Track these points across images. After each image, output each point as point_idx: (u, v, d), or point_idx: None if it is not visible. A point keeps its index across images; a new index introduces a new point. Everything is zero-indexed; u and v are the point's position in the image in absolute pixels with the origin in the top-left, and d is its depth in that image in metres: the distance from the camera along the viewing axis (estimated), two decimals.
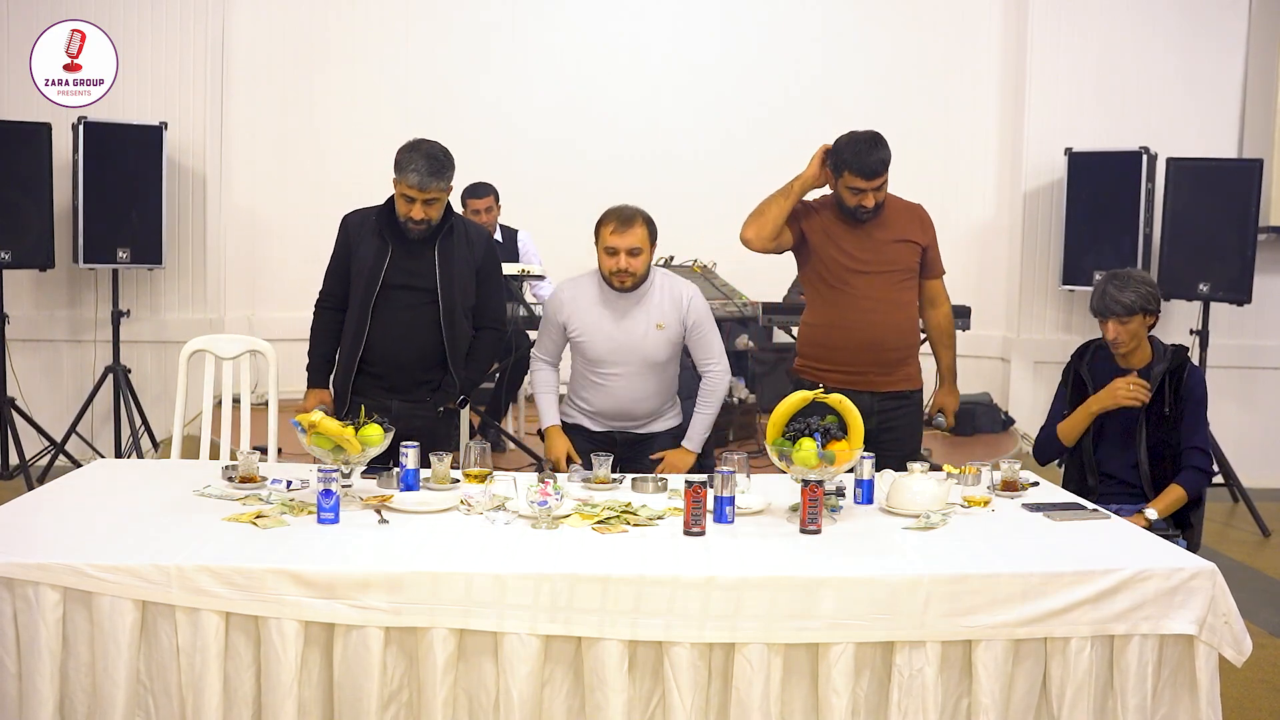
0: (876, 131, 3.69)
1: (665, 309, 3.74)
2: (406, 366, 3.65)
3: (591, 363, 3.77)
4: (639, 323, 3.73)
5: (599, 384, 3.78)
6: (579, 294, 3.78)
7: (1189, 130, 6.68)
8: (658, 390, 3.81)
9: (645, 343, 3.72)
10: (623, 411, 3.80)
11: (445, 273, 3.61)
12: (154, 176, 6.18)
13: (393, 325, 3.62)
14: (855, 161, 3.64)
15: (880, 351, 3.73)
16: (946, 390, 3.96)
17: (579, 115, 7.34)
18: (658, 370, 3.78)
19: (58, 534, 2.64)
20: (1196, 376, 3.58)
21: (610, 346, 3.73)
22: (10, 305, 6.13)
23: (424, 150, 3.52)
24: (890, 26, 7.34)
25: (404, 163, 3.52)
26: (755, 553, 2.63)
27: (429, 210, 3.54)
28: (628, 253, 3.63)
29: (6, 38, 6.34)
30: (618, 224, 3.63)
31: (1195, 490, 3.51)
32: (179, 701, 2.43)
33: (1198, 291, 6.12)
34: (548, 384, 3.90)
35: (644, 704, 2.48)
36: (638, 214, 3.67)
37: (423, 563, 2.48)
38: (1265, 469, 6.57)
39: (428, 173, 3.49)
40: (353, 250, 3.66)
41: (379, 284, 3.59)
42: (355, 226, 3.69)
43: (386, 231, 3.61)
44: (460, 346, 3.68)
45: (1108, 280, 3.56)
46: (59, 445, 6.10)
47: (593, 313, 3.74)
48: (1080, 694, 2.49)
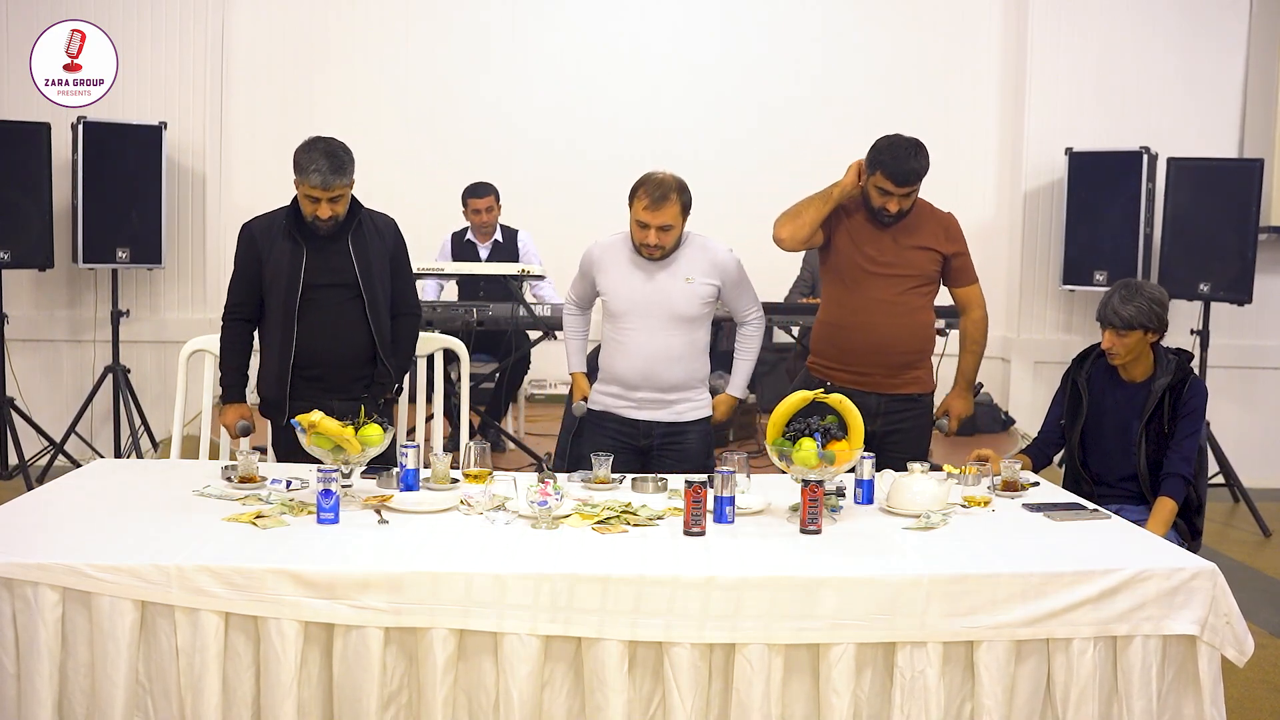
0: (921, 142, 3.67)
1: (695, 265, 3.66)
2: (341, 364, 3.64)
3: (615, 318, 3.67)
4: (665, 278, 3.64)
5: (622, 341, 3.66)
6: (609, 252, 3.71)
7: (1189, 130, 6.68)
8: (683, 353, 3.65)
9: (671, 295, 3.62)
10: (647, 375, 3.63)
11: (364, 266, 3.63)
12: (154, 176, 6.18)
13: (320, 325, 3.62)
14: (891, 164, 3.62)
15: (887, 354, 3.72)
16: (957, 394, 3.93)
17: (579, 115, 7.34)
18: (684, 328, 3.64)
19: (57, 534, 2.64)
20: (1196, 389, 3.54)
21: (634, 299, 3.63)
22: (10, 305, 6.13)
23: (322, 149, 3.51)
24: (890, 26, 7.34)
25: (304, 163, 3.50)
26: (755, 553, 2.63)
27: (335, 207, 3.55)
28: (658, 229, 3.55)
29: (6, 38, 6.34)
30: (651, 201, 3.53)
31: (1181, 496, 3.50)
32: (178, 702, 2.42)
33: (1198, 291, 6.12)
34: (576, 329, 3.90)
35: (644, 704, 2.47)
36: (672, 190, 3.55)
37: (423, 563, 2.47)
38: (1265, 469, 6.57)
39: (330, 171, 3.48)
40: (263, 257, 3.65)
41: (300, 286, 3.58)
42: (261, 233, 3.68)
43: (297, 233, 3.61)
44: (387, 337, 3.71)
45: (1118, 289, 3.53)
46: (59, 445, 6.10)
47: (621, 269, 3.66)
48: (1085, 696, 2.48)
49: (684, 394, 3.69)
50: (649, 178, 3.60)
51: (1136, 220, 6.33)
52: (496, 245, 6.26)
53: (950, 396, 3.94)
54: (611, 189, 7.09)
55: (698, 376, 3.72)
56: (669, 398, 3.67)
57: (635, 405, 3.68)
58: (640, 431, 3.67)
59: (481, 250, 6.26)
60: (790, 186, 7.33)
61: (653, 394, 3.66)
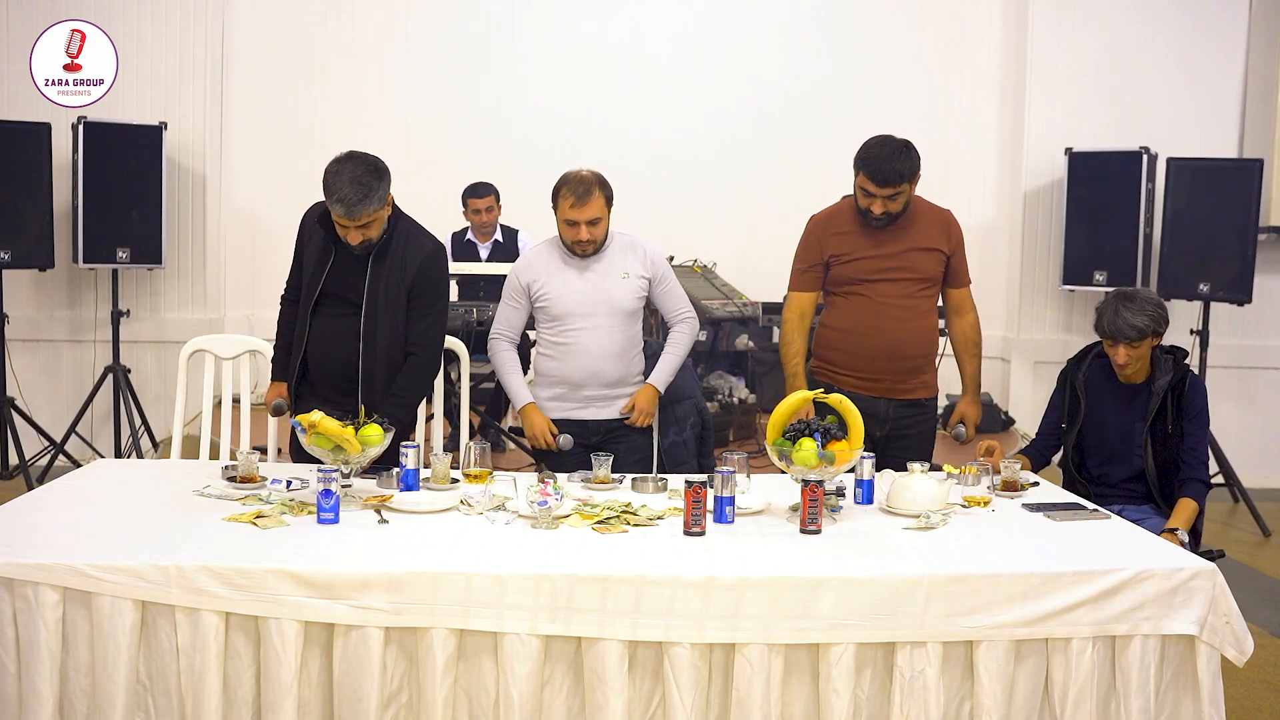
0: (910, 143, 3.59)
1: (629, 261, 3.74)
2: (330, 379, 3.48)
3: (557, 320, 3.71)
4: (603, 274, 3.71)
5: (565, 344, 3.70)
6: (540, 260, 3.77)
7: (1189, 130, 6.68)
8: (624, 348, 3.73)
9: (612, 290, 3.69)
10: (592, 373, 3.70)
11: (372, 297, 3.41)
12: (154, 176, 6.18)
13: (326, 334, 3.48)
14: (869, 164, 3.56)
15: (898, 360, 3.67)
16: (969, 400, 3.87)
17: (579, 117, 7.33)
18: (624, 322, 3.72)
19: (57, 534, 2.64)
20: (1197, 388, 3.54)
21: (577, 299, 3.68)
22: (10, 305, 6.13)
23: (349, 175, 3.22)
24: (890, 27, 7.33)
25: (331, 188, 3.24)
26: (755, 553, 2.63)
27: (366, 232, 3.32)
28: (587, 224, 3.62)
29: (6, 38, 6.34)
30: (575, 199, 3.61)
31: (1203, 499, 3.50)
32: (179, 702, 2.43)
33: (1198, 291, 6.12)
34: (512, 364, 3.81)
35: (644, 704, 2.48)
36: (593, 185, 3.63)
37: (423, 563, 2.48)
38: (1265, 469, 6.58)
39: (355, 200, 3.22)
40: (305, 247, 3.54)
41: (318, 289, 3.46)
42: (310, 223, 3.52)
43: (330, 237, 3.44)
44: (379, 370, 3.43)
45: (1119, 301, 3.46)
46: (59, 445, 6.10)
47: (558, 273, 3.72)
48: (1083, 695, 2.49)
49: (625, 390, 3.77)
50: (569, 176, 3.68)
51: (1136, 220, 6.33)
52: (497, 245, 6.26)
53: (962, 404, 3.88)
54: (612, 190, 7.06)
55: (634, 370, 3.81)
56: (612, 393, 3.75)
57: (581, 405, 3.75)
58: (589, 429, 3.74)
59: (482, 250, 6.26)
60: (789, 188, 7.35)
61: (598, 390, 3.74)
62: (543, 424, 3.71)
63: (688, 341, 3.87)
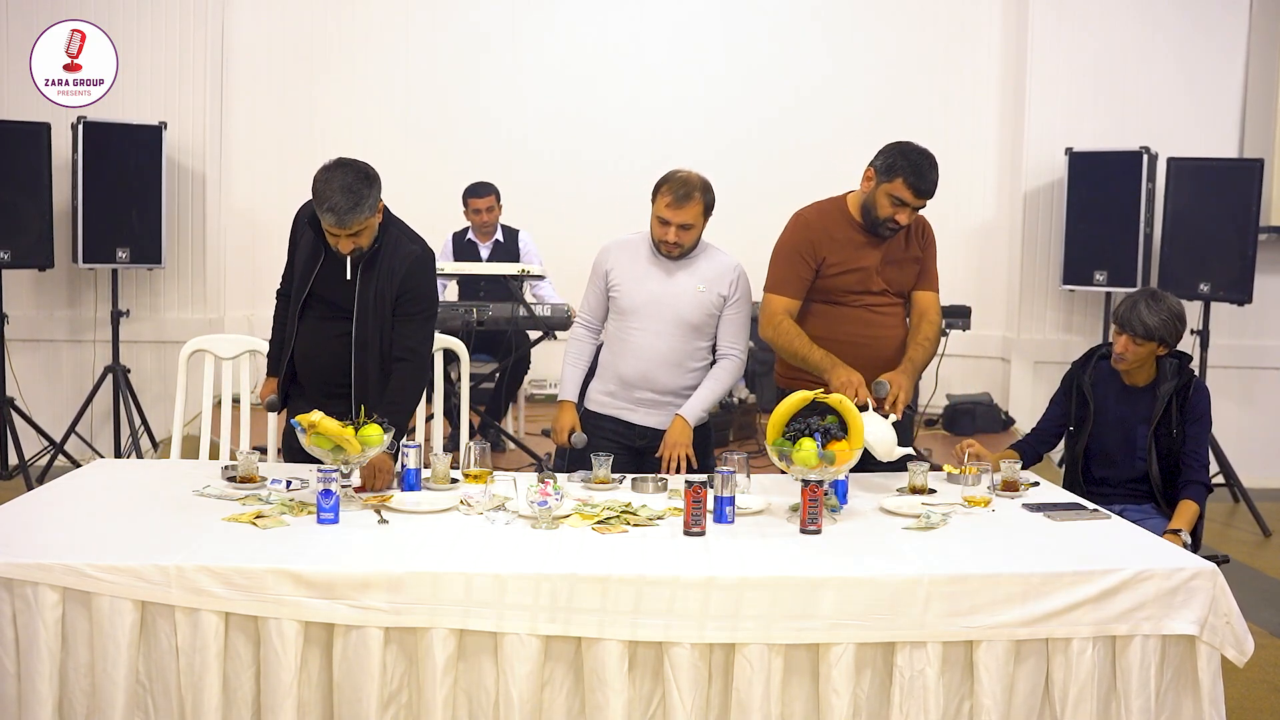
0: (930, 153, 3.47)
1: (709, 276, 3.60)
2: (320, 381, 3.45)
3: (624, 314, 3.61)
4: (680, 281, 3.58)
5: (625, 339, 3.60)
6: (626, 249, 3.65)
7: (1189, 130, 6.67)
8: (682, 358, 3.59)
9: (681, 299, 3.56)
10: (645, 375, 3.58)
11: (363, 304, 3.35)
12: (154, 176, 6.18)
13: (312, 335, 3.44)
14: (915, 174, 3.37)
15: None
16: (901, 370, 3.47)
17: (579, 118, 7.33)
18: (687, 334, 3.58)
19: (57, 534, 2.64)
20: (1201, 394, 3.55)
21: (645, 298, 3.57)
22: (10, 305, 6.13)
23: (339, 184, 3.15)
24: (891, 27, 7.33)
25: (320, 196, 3.17)
26: (755, 553, 2.63)
27: (356, 240, 3.26)
28: (679, 227, 3.49)
29: (6, 38, 6.34)
30: (674, 199, 3.47)
31: (1204, 501, 3.51)
32: (178, 702, 2.43)
33: (1198, 291, 6.12)
34: (576, 355, 3.72)
35: (644, 704, 2.48)
36: (695, 189, 3.49)
37: (423, 563, 2.48)
38: (1265, 469, 6.57)
39: (345, 210, 3.15)
40: (296, 244, 3.51)
41: (307, 289, 3.42)
42: (302, 221, 3.48)
43: (320, 238, 3.37)
44: (372, 378, 3.38)
45: (1145, 296, 3.48)
46: (58, 445, 6.10)
47: (637, 266, 3.60)
48: (1083, 696, 2.48)
49: (679, 401, 3.60)
50: (673, 175, 3.54)
51: (1136, 220, 6.32)
52: (497, 245, 6.26)
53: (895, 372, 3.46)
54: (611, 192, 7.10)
55: (693, 385, 3.62)
56: (663, 399, 3.62)
57: (631, 406, 3.63)
58: (636, 433, 3.64)
59: (482, 250, 6.26)
60: (789, 188, 7.35)
61: (648, 394, 3.61)
62: (566, 421, 3.63)
63: (729, 380, 3.67)
